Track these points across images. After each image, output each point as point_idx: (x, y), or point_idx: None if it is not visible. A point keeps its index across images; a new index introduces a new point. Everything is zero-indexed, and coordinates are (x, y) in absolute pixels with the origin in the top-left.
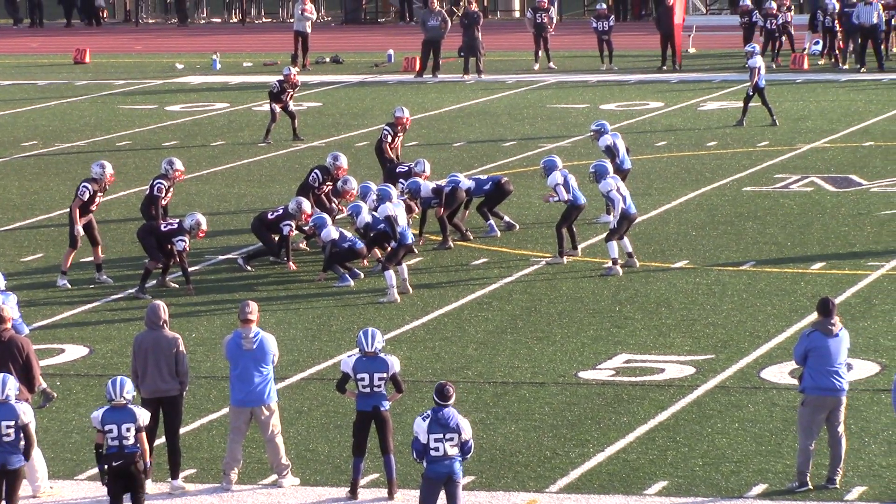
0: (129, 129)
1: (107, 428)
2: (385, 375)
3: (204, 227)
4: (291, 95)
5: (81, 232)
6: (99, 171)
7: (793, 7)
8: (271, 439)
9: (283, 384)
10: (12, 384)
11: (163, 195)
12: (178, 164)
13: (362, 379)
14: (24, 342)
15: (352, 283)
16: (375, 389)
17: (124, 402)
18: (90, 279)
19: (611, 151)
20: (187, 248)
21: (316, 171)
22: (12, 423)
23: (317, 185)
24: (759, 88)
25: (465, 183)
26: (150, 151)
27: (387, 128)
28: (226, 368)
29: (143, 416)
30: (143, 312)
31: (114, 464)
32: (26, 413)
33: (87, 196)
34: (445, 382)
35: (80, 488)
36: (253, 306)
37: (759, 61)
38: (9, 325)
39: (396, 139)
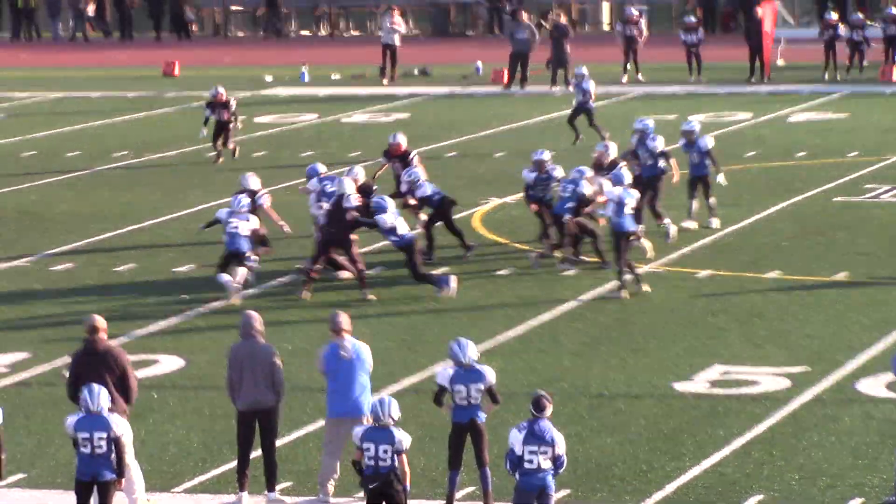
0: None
1: (365, 446)
2: (482, 387)
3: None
4: (229, 117)
5: (287, 227)
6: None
7: None
8: None
9: (376, 396)
10: (105, 395)
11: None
12: None
13: (459, 391)
14: (119, 353)
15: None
16: (472, 401)
17: (391, 422)
18: (182, 287)
19: (710, 155)
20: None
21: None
22: (104, 434)
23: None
24: (589, 109)
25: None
26: (239, 162)
27: (382, 157)
28: (321, 380)
29: (404, 439)
30: (237, 321)
31: (369, 486)
32: (118, 425)
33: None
34: (542, 394)
35: (176, 501)
36: (345, 316)
37: (592, 85)
38: (104, 336)
39: (391, 166)
